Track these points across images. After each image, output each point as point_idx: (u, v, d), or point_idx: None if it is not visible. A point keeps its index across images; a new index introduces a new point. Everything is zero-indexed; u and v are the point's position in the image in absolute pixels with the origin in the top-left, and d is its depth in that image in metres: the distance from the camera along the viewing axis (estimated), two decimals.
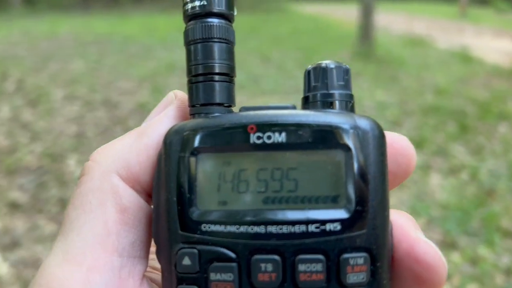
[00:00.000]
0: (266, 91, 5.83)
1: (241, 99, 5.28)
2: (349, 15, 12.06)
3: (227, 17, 0.35)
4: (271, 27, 12.01)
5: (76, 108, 4.93)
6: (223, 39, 0.35)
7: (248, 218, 0.32)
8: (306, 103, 0.36)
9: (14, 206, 3.05)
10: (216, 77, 0.35)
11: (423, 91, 5.87)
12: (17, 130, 4.25)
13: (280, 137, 0.32)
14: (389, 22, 12.12)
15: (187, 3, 0.35)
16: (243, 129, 0.32)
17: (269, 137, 0.32)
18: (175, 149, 0.33)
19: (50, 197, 3.17)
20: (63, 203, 3.05)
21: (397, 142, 0.36)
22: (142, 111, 4.62)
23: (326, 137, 0.32)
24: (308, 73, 0.37)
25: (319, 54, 8.20)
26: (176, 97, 0.38)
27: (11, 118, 4.54)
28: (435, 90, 5.86)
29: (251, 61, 7.50)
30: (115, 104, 5.06)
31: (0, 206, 3.05)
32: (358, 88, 6.04)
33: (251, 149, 0.33)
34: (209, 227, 0.32)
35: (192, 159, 0.33)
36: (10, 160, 3.65)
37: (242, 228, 0.31)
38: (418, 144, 4.20)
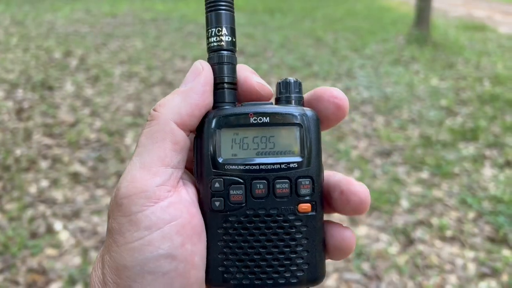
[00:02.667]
0: (318, 74, 5.81)
1: None
2: None
3: (233, 50, 0.61)
4: (326, 9, 11.84)
5: (134, 85, 5.12)
6: (230, 63, 0.60)
7: (249, 162, 0.57)
8: (278, 101, 0.61)
9: (75, 178, 3.25)
10: (226, 86, 0.60)
11: (481, 78, 5.68)
12: (78, 105, 4.47)
13: (265, 119, 0.57)
14: (448, 5, 11.63)
15: (210, 42, 0.60)
16: (246, 115, 0.57)
17: (260, 119, 0.57)
18: (208, 126, 0.57)
19: (108, 171, 3.35)
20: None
21: (331, 92, 0.59)
22: None
23: (289, 119, 0.58)
24: (279, 84, 0.61)
25: (374, 37, 8.04)
26: (203, 68, 0.58)
27: (73, 93, 4.77)
28: (494, 78, 5.65)
29: (304, 43, 7.46)
30: (170, 82, 5.21)
31: (61, 176, 3.25)
32: (412, 74, 5.91)
33: (250, 126, 0.58)
34: (228, 167, 0.57)
35: (218, 131, 0.57)
36: (72, 133, 3.86)
37: (247, 167, 0.57)
38: (473, 134, 4.11)
